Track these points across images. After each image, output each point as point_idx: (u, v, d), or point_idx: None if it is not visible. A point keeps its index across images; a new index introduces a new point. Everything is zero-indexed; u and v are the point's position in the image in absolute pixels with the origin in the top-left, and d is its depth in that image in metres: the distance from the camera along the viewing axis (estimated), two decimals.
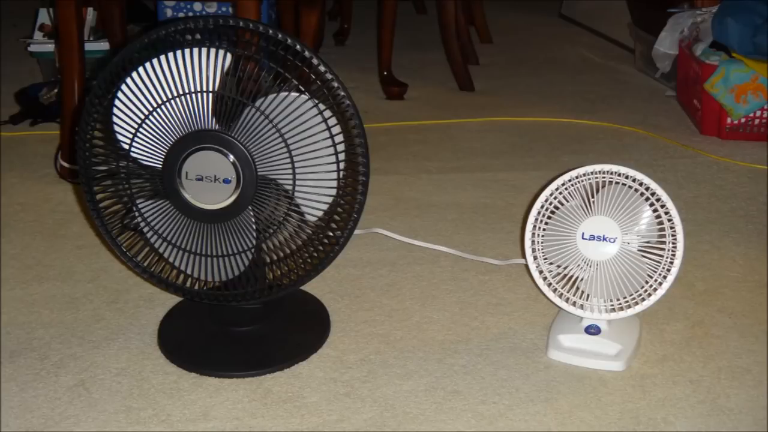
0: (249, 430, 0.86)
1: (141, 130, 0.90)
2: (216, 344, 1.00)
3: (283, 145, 0.89)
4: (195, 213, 0.92)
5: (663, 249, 0.94)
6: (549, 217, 0.99)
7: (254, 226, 0.92)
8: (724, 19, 1.67)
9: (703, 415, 0.88)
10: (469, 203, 1.42)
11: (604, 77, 2.20)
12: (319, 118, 0.89)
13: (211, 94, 0.88)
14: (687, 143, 1.68)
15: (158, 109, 0.89)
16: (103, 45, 1.91)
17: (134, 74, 0.89)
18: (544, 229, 0.99)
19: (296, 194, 0.91)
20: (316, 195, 0.91)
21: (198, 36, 0.89)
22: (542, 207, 0.99)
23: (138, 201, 0.94)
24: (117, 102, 0.90)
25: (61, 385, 0.93)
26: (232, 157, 0.89)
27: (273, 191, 0.91)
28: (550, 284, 0.99)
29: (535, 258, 1.00)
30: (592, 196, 0.97)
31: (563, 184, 0.98)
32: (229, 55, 0.88)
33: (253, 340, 1.00)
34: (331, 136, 0.89)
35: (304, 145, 0.89)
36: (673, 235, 0.94)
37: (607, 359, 0.96)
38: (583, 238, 0.96)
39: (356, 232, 0.97)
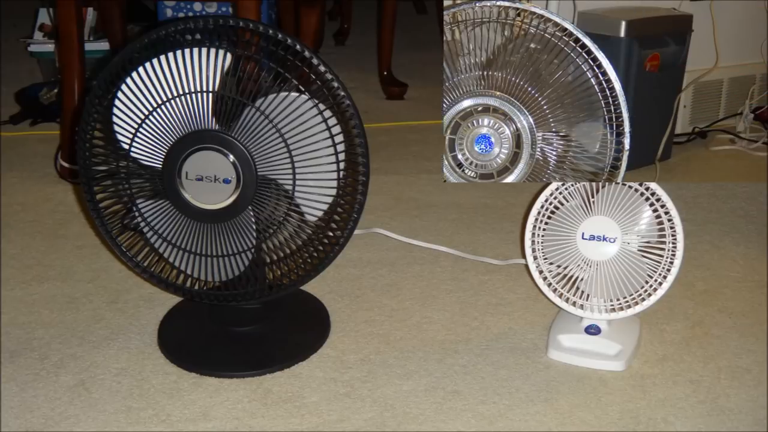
0: (249, 430, 0.86)
1: (141, 130, 0.90)
2: (216, 344, 1.00)
3: (283, 145, 0.88)
4: (195, 213, 0.92)
5: (663, 249, 0.94)
6: (549, 217, 0.99)
7: (254, 226, 0.92)
8: None
9: (703, 415, 0.88)
10: (469, 203, 1.42)
11: None
12: (319, 118, 0.89)
13: (211, 94, 0.88)
14: None
15: (158, 109, 0.89)
16: (103, 45, 1.92)
17: (134, 74, 0.89)
18: (544, 229, 0.99)
19: (296, 194, 0.91)
20: (316, 195, 0.91)
21: (198, 36, 0.89)
22: (542, 207, 0.99)
23: (138, 201, 0.94)
24: (117, 102, 0.90)
25: (61, 385, 0.93)
26: (232, 157, 0.89)
27: (273, 191, 0.91)
28: (550, 284, 0.99)
29: (535, 258, 1.00)
30: (592, 196, 0.97)
31: (563, 184, 0.98)
32: (229, 55, 0.88)
33: (253, 340, 1.00)
34: (331, 136, 0.89)
35: (304, 145, 0.89)
36: (673, 235, 0.94)
37: (607, 359, 0.96)
38: (583, 238, 0.96)
39: (356, 232, 0.97)
